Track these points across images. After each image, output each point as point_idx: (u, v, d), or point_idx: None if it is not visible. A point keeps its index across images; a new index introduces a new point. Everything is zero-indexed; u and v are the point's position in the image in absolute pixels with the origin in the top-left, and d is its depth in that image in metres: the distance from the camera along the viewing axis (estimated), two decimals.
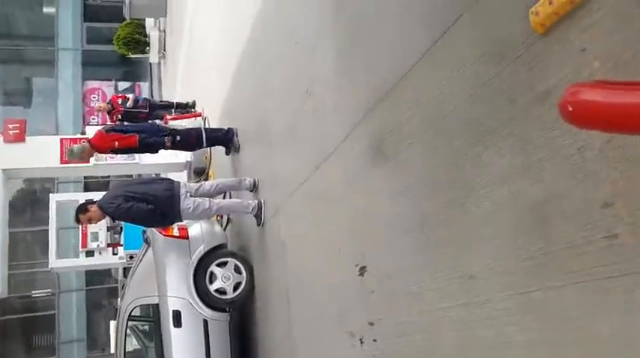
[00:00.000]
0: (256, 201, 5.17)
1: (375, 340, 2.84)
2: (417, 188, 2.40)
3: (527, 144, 1.74)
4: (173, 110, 9.01)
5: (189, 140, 6.13)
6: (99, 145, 5.82)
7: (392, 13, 2.62)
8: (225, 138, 6.31)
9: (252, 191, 5.42)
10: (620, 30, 1.42)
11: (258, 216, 5.15)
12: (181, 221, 5.29)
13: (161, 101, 9.57)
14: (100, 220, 5.21)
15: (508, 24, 1.81)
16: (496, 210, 1.89)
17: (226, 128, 6.39)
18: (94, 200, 5.16)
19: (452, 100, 2.14)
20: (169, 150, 6.73)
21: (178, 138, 6.00)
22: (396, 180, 2.58)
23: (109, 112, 8.83)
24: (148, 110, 8.89)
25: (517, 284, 1.78)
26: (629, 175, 1.40)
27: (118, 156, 6.19)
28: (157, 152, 6.13)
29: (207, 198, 5.24)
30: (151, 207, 4.84)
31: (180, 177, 8.27)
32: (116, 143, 5.73)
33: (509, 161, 1.82)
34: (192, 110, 9.08)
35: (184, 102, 9.20)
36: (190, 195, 5.08)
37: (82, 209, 4.99)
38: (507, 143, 1.83)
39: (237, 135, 6.21)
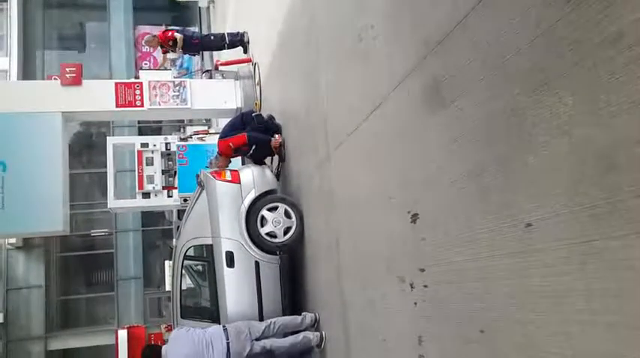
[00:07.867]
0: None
1: (425, 285, 2.87)
2: (473, 135, 2.36)
3: (594, 90, 1.67)
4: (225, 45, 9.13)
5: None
6: (224, 152, 6.59)
7: None
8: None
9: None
10: None
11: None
12: None
13: (212, 36, 9.54)
14: None
15: None
16: (557, 159, 1.84)
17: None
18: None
19: (512, 45, 2.06)
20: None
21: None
22: (452, 126, 2.54)
23: (161, 46, 8.92)
24: (198, 41, 9.13)
25: (577, 233, 1.75)
26: None
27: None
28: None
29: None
30: None
31: None
32: (231, 144, 6.47)
33: (573, 107, 1.76)
34: (244, 54, 9.08)
35: (235, 32, 9.20)
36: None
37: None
38: (571, 88, 1.76)
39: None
